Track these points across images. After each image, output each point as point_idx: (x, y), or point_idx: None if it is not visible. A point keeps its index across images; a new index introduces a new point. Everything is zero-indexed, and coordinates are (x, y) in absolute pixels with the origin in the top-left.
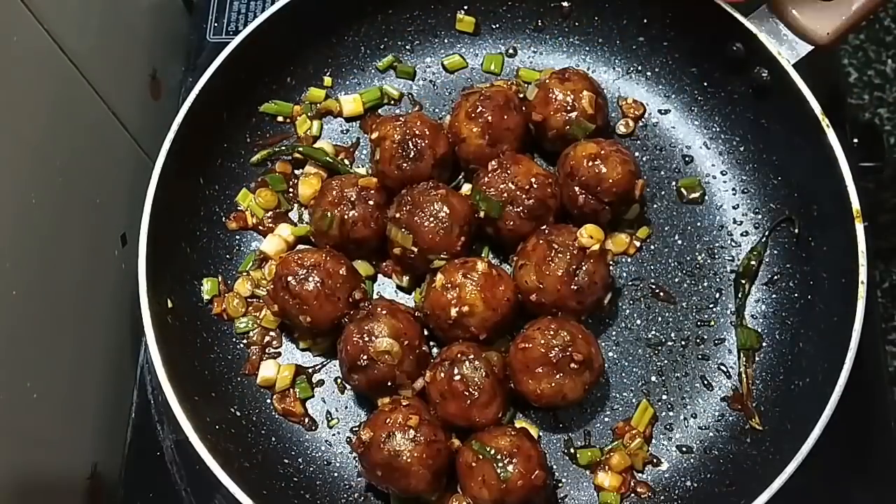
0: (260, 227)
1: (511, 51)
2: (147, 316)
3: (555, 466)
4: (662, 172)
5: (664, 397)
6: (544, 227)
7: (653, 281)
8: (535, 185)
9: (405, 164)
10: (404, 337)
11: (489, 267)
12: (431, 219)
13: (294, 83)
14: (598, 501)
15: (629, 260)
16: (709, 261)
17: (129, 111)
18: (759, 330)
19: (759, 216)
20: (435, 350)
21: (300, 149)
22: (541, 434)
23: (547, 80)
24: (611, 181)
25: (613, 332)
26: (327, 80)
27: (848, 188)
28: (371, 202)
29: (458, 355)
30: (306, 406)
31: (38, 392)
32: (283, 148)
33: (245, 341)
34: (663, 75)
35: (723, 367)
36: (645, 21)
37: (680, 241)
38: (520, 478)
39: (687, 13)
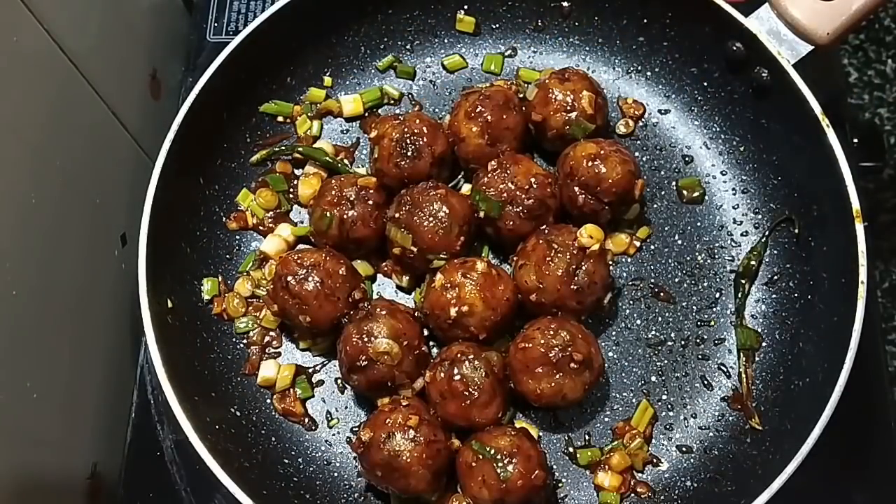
0: (260, 227)
1: (511, 51)
2: (147, 316)
3: (555, 466)
4: (662, 172)
5: (664, 397)
6: (544, 226)
7: (653, 281)
8: (534, 185)
9: (404, 163)
10: (404, 337)
11: (489, 267)
12: (431, 218)
13: (294, 83)
14: (598, 501)
15: (629, 260)
16: (709, 261)
17: (129, 111)
18: (759, 330)
19: (759, 216)
20: (434, 350)
21: (300, 149)
22: (541, 434)
23: (547, 80)
24: (610, 181)
25: (613, 332)
26: (327, 80)
27: (848, 188)
28: (370, 202)
29: (458, 355)
30: (306, 406)
31: (38, 392)
32: (283, 148)
33: (245, 341)
34: (663, 75)
35: (723, 367)
36: (645, 21)
37: (680, 241)
38: (520, 478)
39: (687, 13)
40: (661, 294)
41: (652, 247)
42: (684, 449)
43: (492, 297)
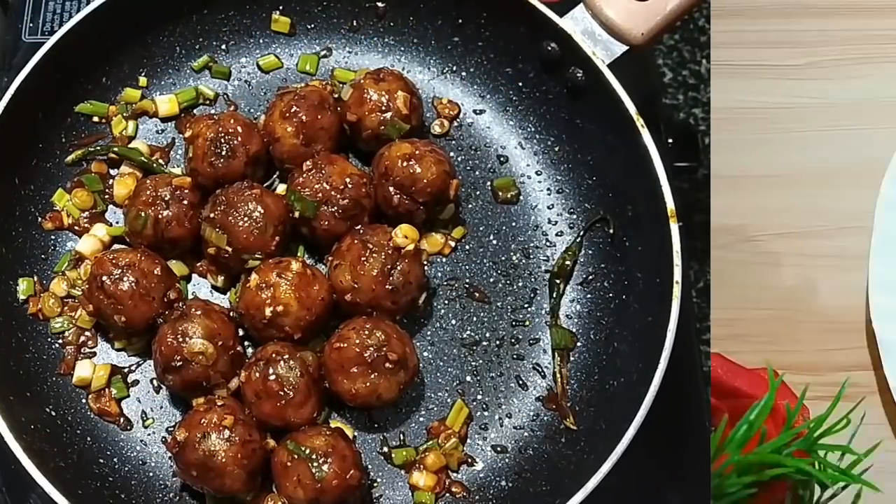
0: (76, 228)
1: (326, 51)
2: None
3: (370, 466)
4: (477, 172)
5: (479, 397)
6: (359, 226)
7: (468, 281)
8: (349, 185)
9: (218, 162)
10: (219, 337)
11: (304, 267)
12: (246, 218)
13: (109, 83)
14: (412, 501)
15: (444, 260)
16: (524, 261)
17: None
18: (574, 330)
19: (574, 216)
20: (250, 350)
21: (115, 149)
22: (356, 434)
23: (362, 80)
24: (425, 181)
25: (428, 332)
26: (143, 81)
27: (662, 188)
28: (185, 202)
29: (273, 355)
30: (121, 406)
31: None
32: (99, 148)
33: (60, 341)
34: (478, 75)
35: (538, 367)
36: (460, 21)
37: (495, 241)
38: (335, 477)
39: (502, 13)
40: (476, 294)
41: (467, 247)
42: (499, 449)
43: (307, 297)
